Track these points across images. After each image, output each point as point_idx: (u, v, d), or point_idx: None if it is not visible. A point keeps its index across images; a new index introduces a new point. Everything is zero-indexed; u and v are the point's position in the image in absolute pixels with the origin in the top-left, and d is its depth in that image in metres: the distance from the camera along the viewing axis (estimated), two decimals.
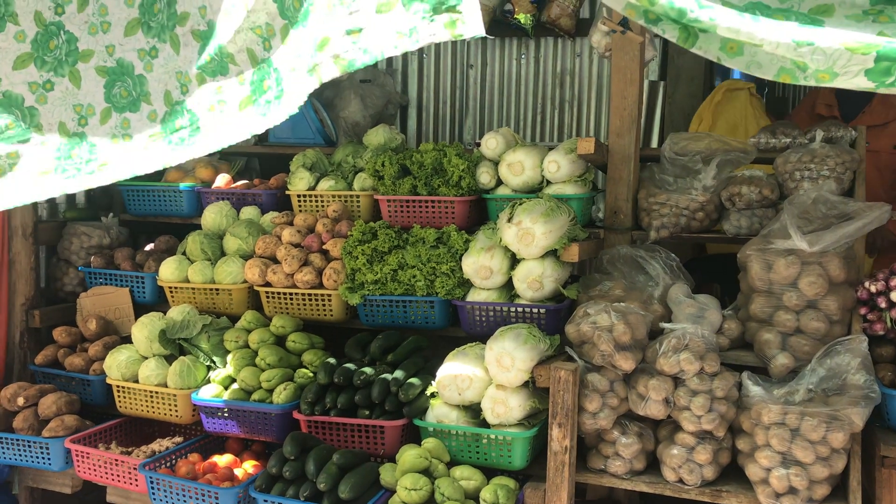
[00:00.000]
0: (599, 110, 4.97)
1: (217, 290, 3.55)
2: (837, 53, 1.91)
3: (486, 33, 5.49)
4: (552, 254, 3.04)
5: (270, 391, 3.18)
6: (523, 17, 4.63)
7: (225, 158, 4.28)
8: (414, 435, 3.04)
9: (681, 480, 2.68)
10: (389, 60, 5.40)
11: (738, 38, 1.95)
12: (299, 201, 3.74)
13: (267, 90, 2.41)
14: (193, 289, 3.59)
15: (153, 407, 3.36)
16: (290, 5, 2.34)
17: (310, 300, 3.41)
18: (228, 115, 2.50)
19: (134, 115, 2.73)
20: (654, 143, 4.66)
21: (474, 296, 3.18)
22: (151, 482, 3.04)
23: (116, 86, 2.75)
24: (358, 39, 2.19)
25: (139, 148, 2.64)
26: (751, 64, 2.10)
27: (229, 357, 3.32)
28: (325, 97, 4.73)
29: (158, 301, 3.77)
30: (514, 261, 3.11)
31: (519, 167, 3.28)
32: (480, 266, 3.09)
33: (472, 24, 2.12)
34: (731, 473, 2.71)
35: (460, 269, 3.19)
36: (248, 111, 2.44)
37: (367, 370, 3.07)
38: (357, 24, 2.19)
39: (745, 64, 2.11)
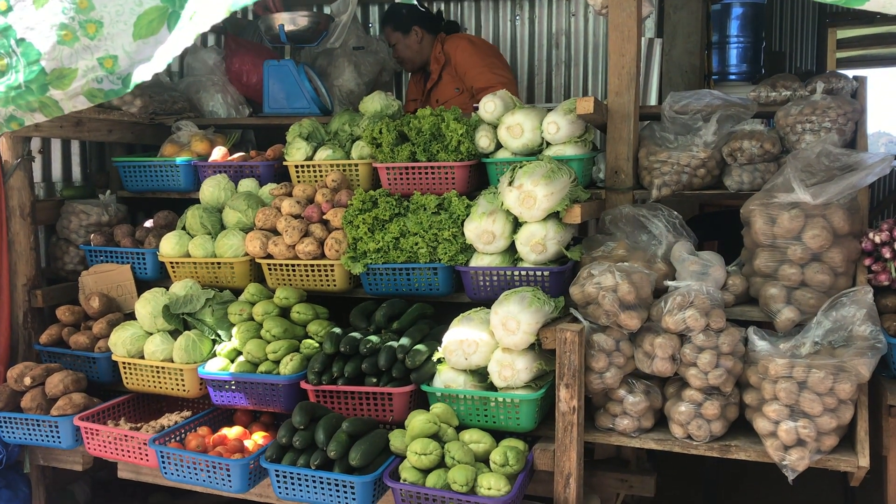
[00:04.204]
0: (597, 70, 4.93)
1: (219, 263, 3.54)
2: None
3: None
4: (554, 216, 3.02)
5: (277, 362, 3.18)
6: None
7: (220, 131, 4.25)
8: (422, 401, 3.05)
9: (689, 436, 2.70)
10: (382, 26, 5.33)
11: None
12: (297, 172, 3.71)
13: None
14: (195, 263, 3.58)
15: (160, 382, 3.37)
16: None
17: (312, 271, 3.40)
18: None
19: None
20: (653, 101, 4.62)
21: (477, 261, 3.17)
22: (162, 456, 3.06)
23: None
24: None
25: None
26: None
27: (234, 330, 3.32)
28: (319, 66, 4.68)
29: (160, 277, 3.76)
30: (517, 224, 3.10)
31: (518, 129, 3.25)
32: (483, 231, 3.08)
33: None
34: (740, 428, 2.73)
35: (462, 234, 3.17)
36: None
37: (373, 338, 3.07)
38: None
39: None
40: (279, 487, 2.85)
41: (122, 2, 2.45)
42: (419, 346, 3.01)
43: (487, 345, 2.89)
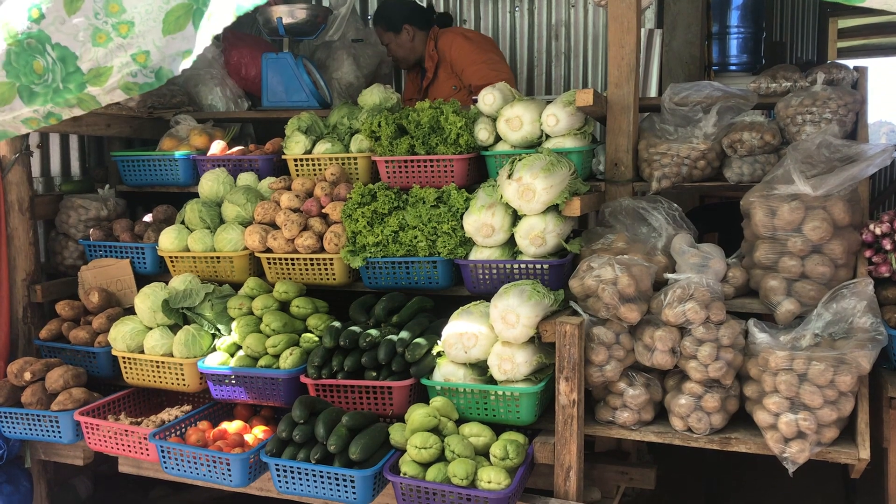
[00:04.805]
0: (596, 61, 4.91)
1: (218, 258, 3.53)
2: None
3: None
4: (554, 209, 3.02)
5: (276, 356, 3.18)
6: None
7: (219, 125, 4.23)
8: (422, 394, 3.04)
9: (689, 429, 2.70)
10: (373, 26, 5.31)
11: None
12: (296, 165, 3.70)
13: None
14: (194, 258, 3.58)
15: (160, 377, 3.37)
16: None
17: (312, 265, 3.39)
18: None
19: None
20: (653, 93, 4.60)
21: (477, 254, 3.16)
22: (162, 451, 3.06)
23: None
24: None
25: None
26: None
27: (234, 324, 3.32)
28: (318, 58, 4.67)
29: (159, 271, 3.75)
30: (516, 217, 3.09)
31: (517, 122, 3.24)
32: (482, 224, 3.07)
33: None
34: (740, 420, 2.73)
35: (461, 227, 3.17)
36: None
37: (373, 332, 3.07)
38: None
39: None
40: (279, 481, 2.86)
41: (151, 1, 2.51)
42: (419, 340, 3.01)
43: (487, 338, 2.89)
